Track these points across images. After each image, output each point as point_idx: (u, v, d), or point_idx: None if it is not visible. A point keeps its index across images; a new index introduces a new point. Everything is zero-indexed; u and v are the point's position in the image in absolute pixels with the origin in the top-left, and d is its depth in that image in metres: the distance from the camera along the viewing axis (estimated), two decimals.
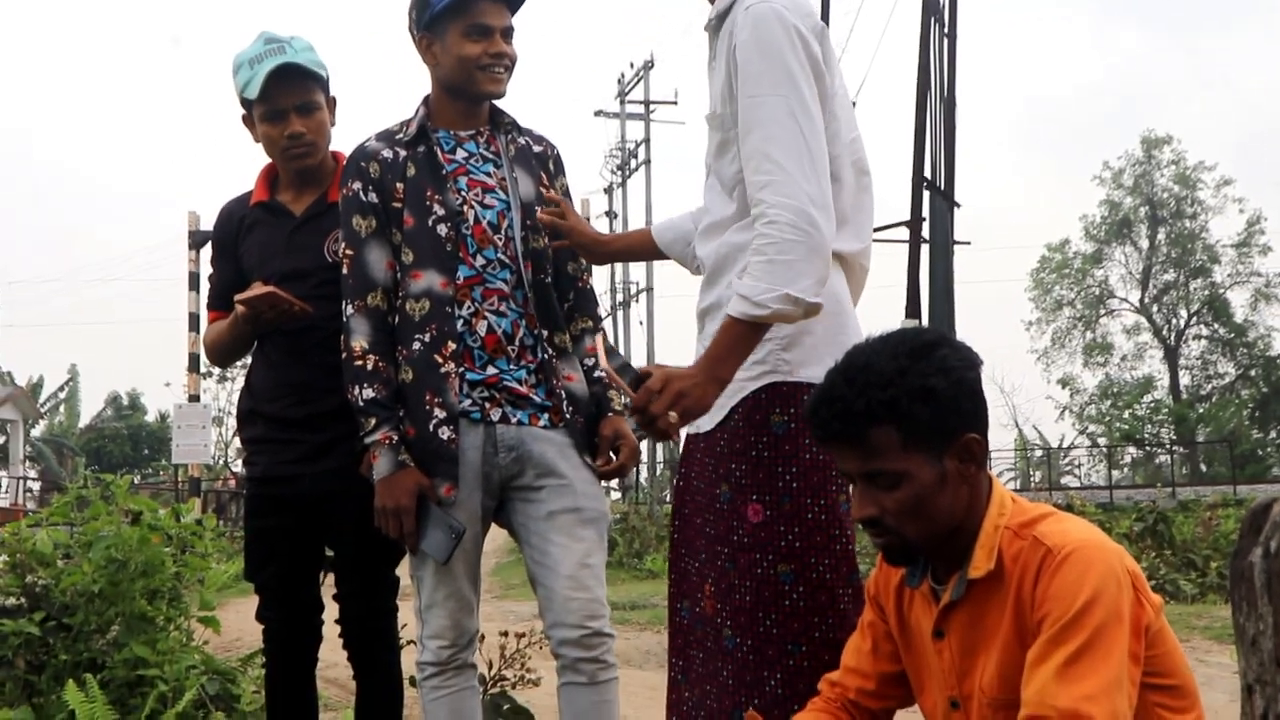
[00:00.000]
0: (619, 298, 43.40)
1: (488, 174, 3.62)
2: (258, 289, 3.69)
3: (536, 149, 3.75)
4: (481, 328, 3.50)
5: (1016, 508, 2.41)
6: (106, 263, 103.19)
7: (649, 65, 43.71)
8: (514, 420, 3.51)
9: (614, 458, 3.64)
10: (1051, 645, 2.20)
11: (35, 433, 48.96)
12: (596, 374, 3.67)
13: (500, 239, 3.55)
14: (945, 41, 26.48)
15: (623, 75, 44.64)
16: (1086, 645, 2.17)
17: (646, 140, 43.36)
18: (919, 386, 2.33)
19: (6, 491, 35.75)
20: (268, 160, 3.97)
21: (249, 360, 4.07)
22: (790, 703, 2.80)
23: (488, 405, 3.49)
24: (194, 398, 22.99)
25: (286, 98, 3.80)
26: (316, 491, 3.75)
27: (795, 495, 2.87)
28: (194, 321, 21.10)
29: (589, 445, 3.60)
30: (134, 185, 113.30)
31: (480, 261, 3.53)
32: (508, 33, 3.59)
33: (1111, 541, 2.35)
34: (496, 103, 3.71)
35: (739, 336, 2.78)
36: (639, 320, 41.68)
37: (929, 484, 2.35)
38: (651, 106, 43.86)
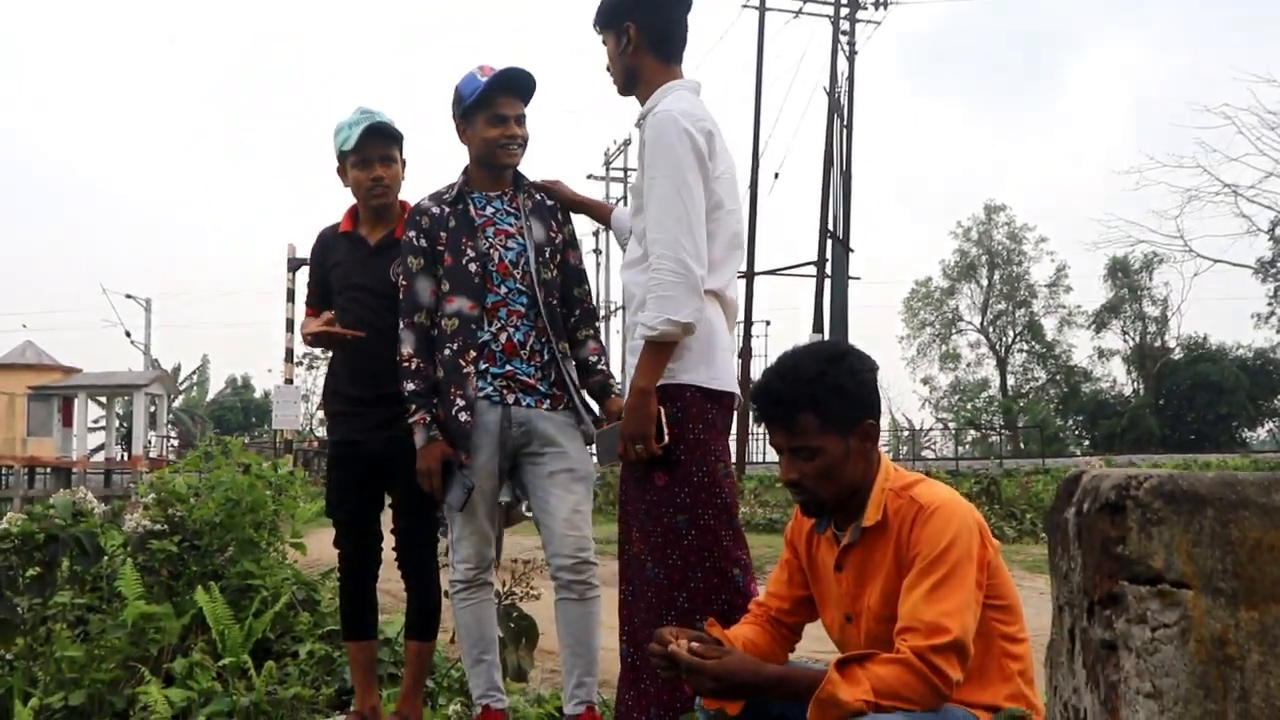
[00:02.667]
0: (601, 313, 43.43)
1: (510, 224, 3.62)
2: (319, 325, 3.74)
3: (549, 203, 3.74)
4: (503, 337, 3.53)
5: (897, 475, 2.40)
6: (229, 280, 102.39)
7: (627, 142, 43.72)
8: (524, 404, 3.53)
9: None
10: (921, 576, 2.19)
11: (175, 405, 48.74)
12: (598, 368, 3.71)
13: (519, 273, 3.56)
14: (844, 131, 26.61)
15: (608, 148, 44.72)
16: (946, 576, 2.17)
17: (624, 198, 43.38)
18: (833, 384, 2.32)
19: (155, 447, 35.62)
20: (352, 202, 3.95)
21: (332, 352, 4.04)
22: (694, 614, 2.88)
23: (505, 392, 3.51)
24: (288, 381, 22.95)
25: (374, 149, 3.81)
26: (380, 453, 3.75)
27: (684, 465, 2.98)
28: (289, 325, 21.05)
29: (579, 420, 3.60)
30: (250, 224, 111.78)
31: (504, 290, 3.55)
32: (520, 119, 3.63)
33: (966, 501, 2.34)
34: (519, 169, 3.72)
35: (648, 354, 2.96)
36: (616, 330, 41.87)
37: (838, 457, 2.34)
38: (628, 173, 43.91)
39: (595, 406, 3.70)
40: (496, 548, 3.70)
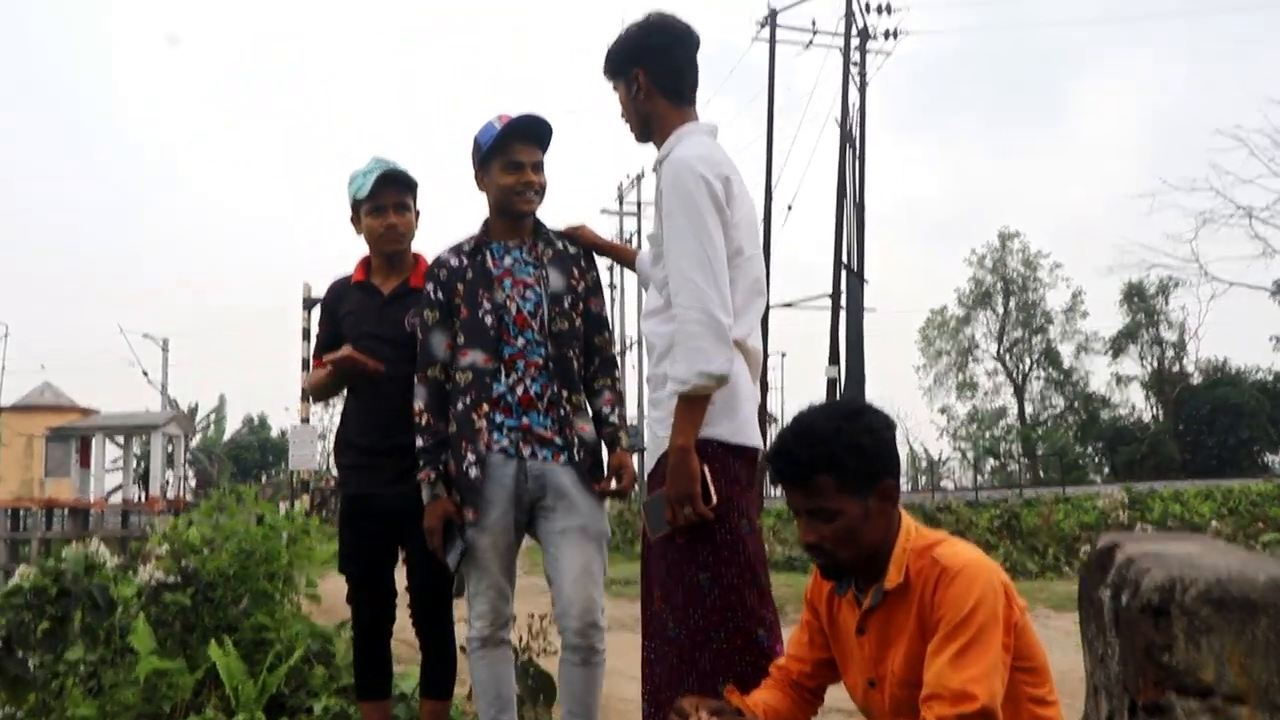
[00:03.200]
0: (617, 348, 43.42)
1: (528, 275, 3.54)
2: (342, 351, 3.69)
3: (571, 251, 3.66)
4: (520, 389, 3.45)
5: (919, 534, 2.34)
6: (246, 319, 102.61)
7: (640, 176, 43.83)
8: (540, 457, 3.44)
9: (618, 481, 3.54)
10: (946, 641, 2.13)
11: (193, 444, 48.75)
12: (611, 420, 3.59)
13: (536, 324, 3.49)
14: (857, 162, 26.62)
15: (621, 183, 44.80)
16: (972, 641, 2.11)
17: (638, 231, 43.44)
18: (851, 443, 2.26)
19: (173, 487, 35.67)
20: (365, 252, 3.92)
21: (345, 398, 3.99)
22: (716, 676, 2.79)
23: (521, 445, 3.43)
24: (305, 420, 23.00)
25: (388, 196, 3.78)
26: (393, 507, 3.68)
27: (706, 522, 2.86)
28: (305, 364, 21.08)
29: (596, 475, 3.51)
30: (267, 263, 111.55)
31: (520, 342, 3.47)
32: (537, 166, 3.56)
33: (990, 560, 2.28)
34: (539, 217, 3.66)
35: (683, 410, 2.86)
36: (631, 364, 41.84)
37: (857, 518, 2.28)
38: (642, 207, 44.00)
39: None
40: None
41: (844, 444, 2.26)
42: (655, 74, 3.14)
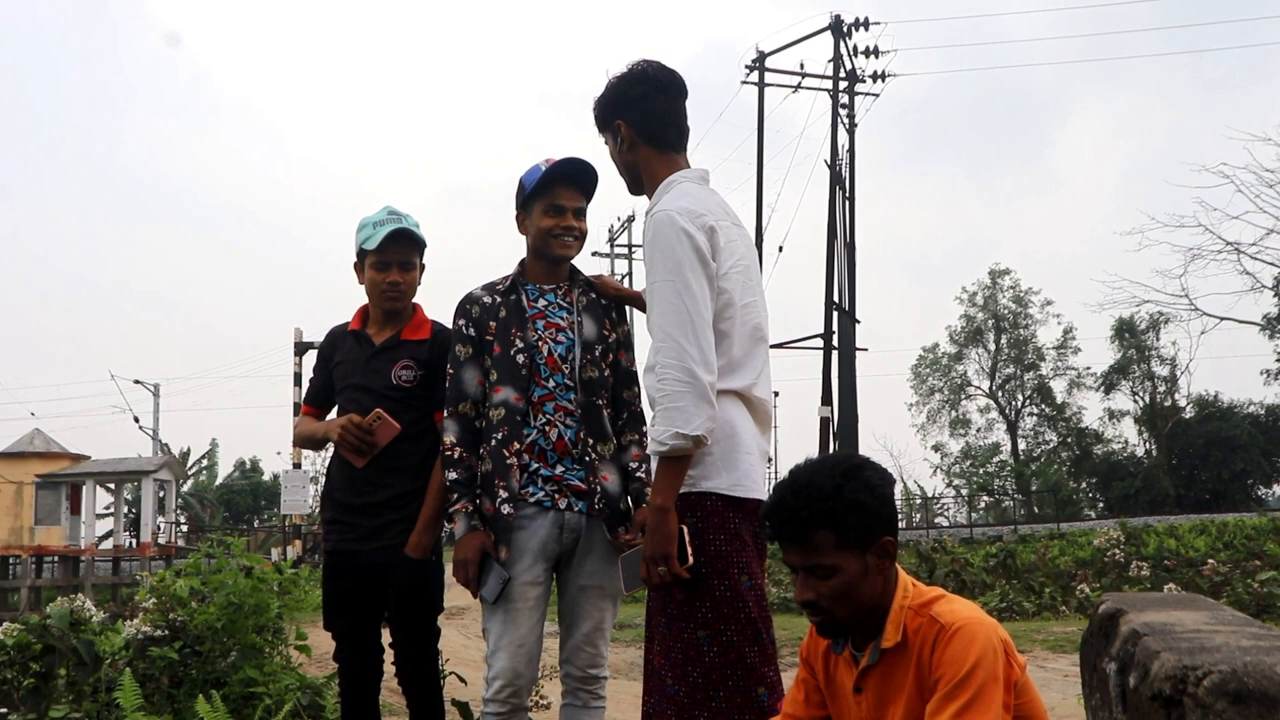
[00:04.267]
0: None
1: (561, 319, 3.50)
2: (343, 419, 3.66)
3: (604, 302, 3.62)
4: (553, 434, 3.39)
5: (916, 591, 2.30)
6: (238, 363, 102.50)
7: (631, 219, 44.07)
8: (576, 509, 3.38)
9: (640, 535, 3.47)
10: (945, 701, 2.09)
11: (184, 489, 48.54)
12: (638, 475, 3.49)
13: (566, 368, 3.43)
14: (847, 203, 26.74)
15: (612, 225, 45.00)
16: (972, 701, 2.07)
17: (629, 273, 43.67)
18: (850, 500, 2.22)
19: (164, 532, 35.45)
20: (364, 301, 3.91)
21: (331, 451, 3.95)
22: None
23: (557, 496, 3.37)
24: (297, 465, 22.88)
25: (394, 253, 3.77)
26: (371, 564, 3.65)
27: (705, 579, 2.82)
28: (297, 409, 21.00)
29: (614, 527, 3.43)
30: (259, 308, 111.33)
31: (551, 384, 3.42)
32: (579, 211, 3.53)
33: (989, 617, 2.24)
34: (575, 264, 3.63)
35: (662, 470, 2.82)
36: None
37: (856, 575, 2.24)
38: (633, 249, 44.15)
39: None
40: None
41: (844, 500, 2.22)
42: (637, 123, 3.13)
